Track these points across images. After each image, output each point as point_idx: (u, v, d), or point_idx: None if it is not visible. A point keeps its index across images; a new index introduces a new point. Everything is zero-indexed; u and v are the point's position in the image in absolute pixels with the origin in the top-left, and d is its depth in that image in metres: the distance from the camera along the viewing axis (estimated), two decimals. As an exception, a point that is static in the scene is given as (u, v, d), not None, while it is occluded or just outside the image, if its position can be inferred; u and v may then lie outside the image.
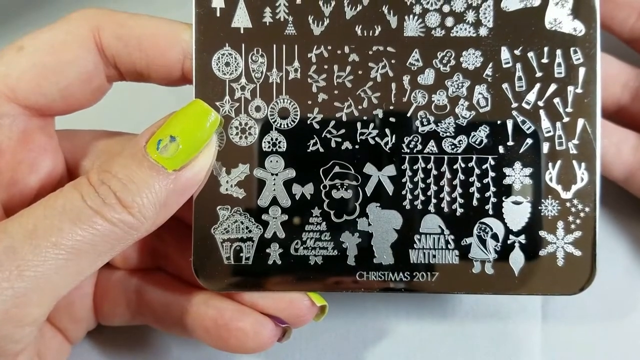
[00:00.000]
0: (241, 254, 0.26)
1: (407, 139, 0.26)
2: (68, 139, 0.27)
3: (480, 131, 0.26)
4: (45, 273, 0.21)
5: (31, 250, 0.21)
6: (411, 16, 0.26)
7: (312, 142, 0.26)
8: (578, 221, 0.26)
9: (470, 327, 0.33)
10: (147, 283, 0.29)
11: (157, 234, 0.28)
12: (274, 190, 0.26)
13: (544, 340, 0.32)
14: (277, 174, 0.26)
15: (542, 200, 0.26)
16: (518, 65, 0.26)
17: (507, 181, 0.26)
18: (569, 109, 0.26)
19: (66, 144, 0.27)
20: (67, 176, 0.27)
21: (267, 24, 0.26)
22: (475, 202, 0.26)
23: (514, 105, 0.26)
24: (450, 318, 0.33)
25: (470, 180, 0.26)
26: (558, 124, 0.26)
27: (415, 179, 0.26)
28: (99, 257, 0.23)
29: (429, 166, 0.26)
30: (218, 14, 0.26)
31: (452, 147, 0.26)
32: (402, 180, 0.26)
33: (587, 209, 0.26)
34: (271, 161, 0.26)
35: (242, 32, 0.26)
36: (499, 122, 0.26)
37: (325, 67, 0.26)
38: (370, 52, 0.26)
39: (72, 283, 0.22)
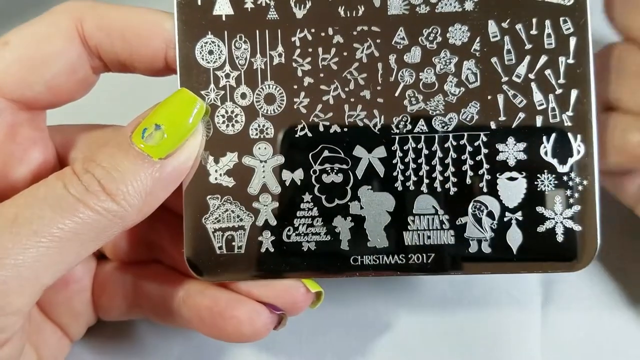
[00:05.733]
0: (233, 243, 0.26)
1: (396, 119, 0.26)
2: (59, 133, 0.27)
3: (470, 107, 0.26)
4: (26, 261, 0.21)
5: (11, 238, 0.21)
6: None
7: (299, 127, 0.26)
8: (577, 195, 0.26)
9: (469, 314, 0.32)
10: (144, 275, 0.29)
11: (152, 226, 0.28)
12: (264, 177, 0.26)
13: (544, 326, 0.32)
14: (266, 161, 0.26)
15: (538, 175, 0.26)
16: (506, 38, 0.26)
17: (500, 157, 0.26)
18: (561, 80, 0.26)
19: (57, 137, 0.27)
20: (58, 170, 0.27)
21: (249, 9, 0.26)
22: (468, 180, 0.26)
23: (504, 79, 0.26)
24: (449, 305, 0.32)
25: (462, 158, 0.26)
26: (551, 96, 0.26)
27: (406, 160, 0.26)
28: (82, 246, 0.23)
29: (419, 146, 0.26)
30: (199, 3, 0.26)
31: (443, 125, 0.26)
32: (393, 162, 0.26)
33: (585, 182, 0.26)
34: (259, 148, 0.26)
35: (224, 19, 0.26)
36: (489, 97, 0.26)
37: (310, 50, 0.26)
38: (355, 33, 0.26)
39: (56, 272, 0.22)
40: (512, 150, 0.26)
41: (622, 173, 0.28)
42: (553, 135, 0.26)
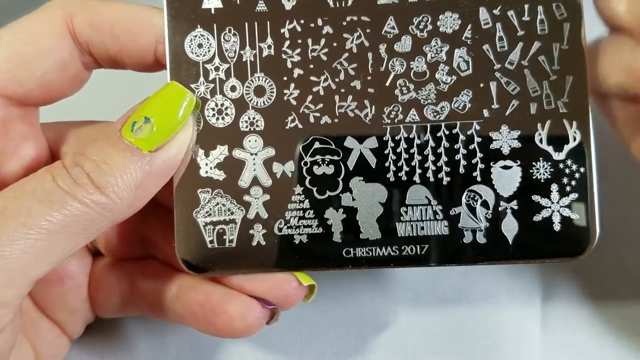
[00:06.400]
0: (224, 237, 0.26)
1: (387, 109, 0.26)
2: (51, 129, 0.28)
3: (462, 96, 0.25)
4: (14, 253, 0.21)
5: None
6: None
7: (290, 118, 0.26)
8: (573, 183, 0.25)
9: (469, 311, 0.32)
10: (139, 272, 0.29)
11: (144, 222, 0.28)
12: (254, 170, 0.26)
13: (543, 323, 0.31)
14: (256, 154, 0.26)
15: (533, 163, 0.25)
16: (498, 25, 0.25)
17: (494, 145, 0.25)
18: (555, 67, 0.25)
19: (50, 133, 0.27)
20: None
21: (238, 2, 0.26)
22: (462, 170, 0.25)
23: (497, 66, 0.25)
24: (448, 303, 0.32)
25: (455, 147, 0.25)
26: (545, 83, 0.25)
27: (398, 150, 0.26)
28: (72, 239, 0.23)
29: (411, 135, 0.26)
30: None
31: (435, 114, 0.25)
32: (385, 152, 0.26)
33: (582, 169, 0.25)
34: (250, 141, 0.26)
35: (213, 12, 0.26)
36: (482, 85, 0.25)
37: (299, 41, 0.26)
38: (344, 23, 0.26)
39: (45, 265, 0.22)
40: (506, 139, 0.25)
41: (620, 98, 0.27)
42: (548, 123, 0.25)
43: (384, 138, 0.26)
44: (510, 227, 0.25)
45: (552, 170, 0.25)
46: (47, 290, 0.28)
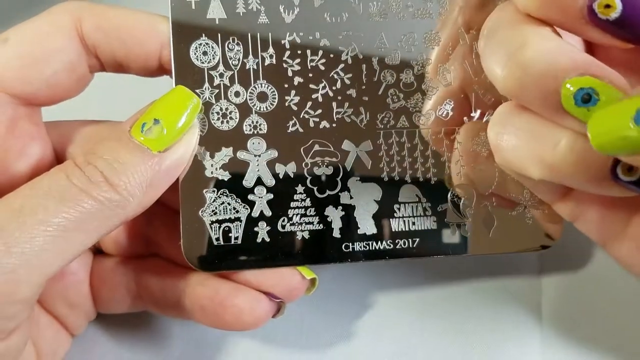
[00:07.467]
0: (230, 234, 0.27)
1: (380, 115, 0.28)
2: (55, 129, 0.28)
3: (445, 105, 0.28)
4: (33, 250, 0.22)
5: (18, 227, 0.22)
6: (375, 2, 0.28)
7: (291, 122, 0.28)
8: None
9: (468, 312, 0.33)
10: (144, 269, 0.29)
11: (148, 222, 0.29)
12: (258, 170, 0.27)
13: (543, 322, 0.33)
14: (259, 155, 0.27)
15: None
16: (474, 45, 0.29)
17: (474, 149, 0.28)
18: None
19: (54, 133, 0.28)
20: (56, 164, 0.27)
21: (241, 14, 0.27)
22: (447, 170, 0.28)
23: (475, 79, 0.28)
24: (447, 303, 0.33)
25: (440, 150, 0.28)
26: None
27: (391, 152, 0.28)
28: (87, 235, 0.23)
29: (402, 139, 0.28)
30: (193, 7, 0.27)
31: (422, 120, 0.28)
32: (379, 154, 0.28)
33: None
34: (253, 143, 0.27)
35: (217, 22, 0.27)
36: (462, 95, 0.28)
37: (299, 52, 0.28)
38: (340, 37, 0.28)
39: (60, 261, 0.23)
40: (484, 143, 0.28)
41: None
42: None
43: (378, 142, 0.28)
44: (489, 222, 0.28)
45: None
46: (47, 285, 0.28)
